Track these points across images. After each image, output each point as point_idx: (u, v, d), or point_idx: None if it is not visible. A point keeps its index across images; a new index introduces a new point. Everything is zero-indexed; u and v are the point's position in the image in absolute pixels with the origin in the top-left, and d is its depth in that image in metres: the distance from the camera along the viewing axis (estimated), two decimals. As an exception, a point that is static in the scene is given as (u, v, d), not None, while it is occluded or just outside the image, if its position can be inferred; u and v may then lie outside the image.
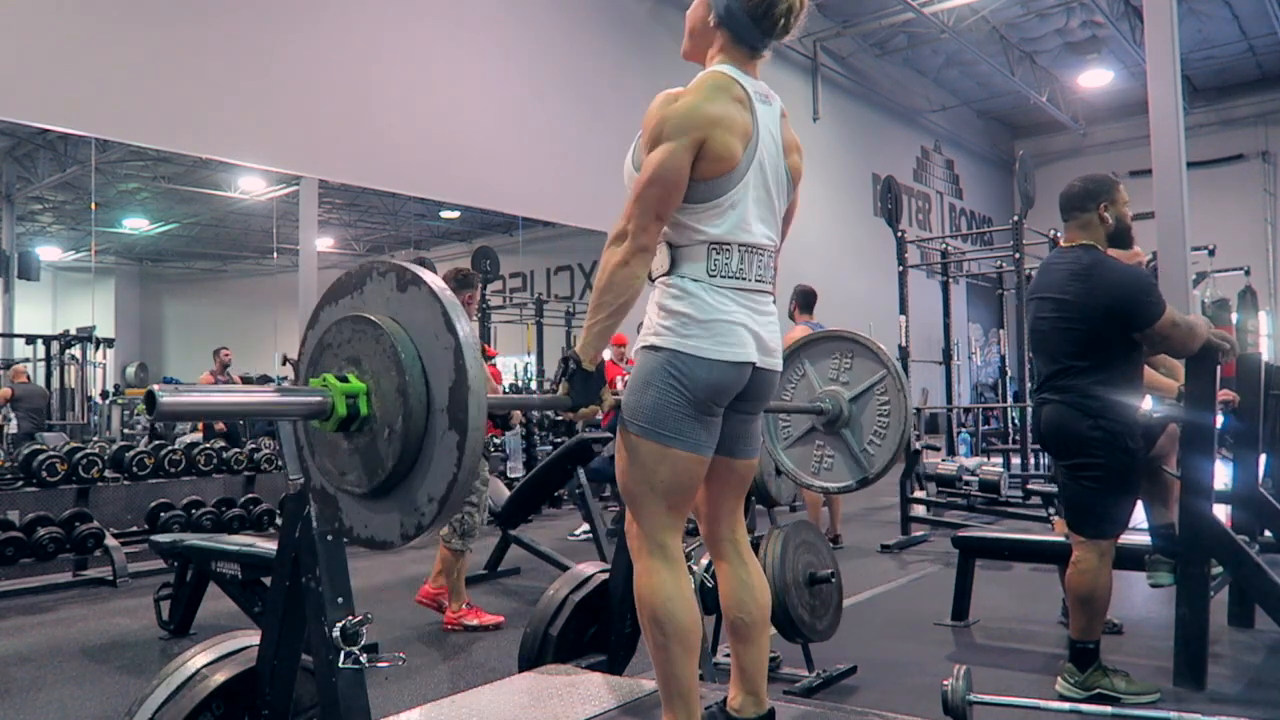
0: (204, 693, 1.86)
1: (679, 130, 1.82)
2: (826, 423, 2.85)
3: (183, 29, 7.16)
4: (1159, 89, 6.63)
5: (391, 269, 1.50)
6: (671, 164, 1.81)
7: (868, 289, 11.92)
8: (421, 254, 12.99)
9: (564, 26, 10.04)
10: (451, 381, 1.38)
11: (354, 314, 1.50)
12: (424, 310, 1.43)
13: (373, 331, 1.44)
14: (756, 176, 1.91)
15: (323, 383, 1.44)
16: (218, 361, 8.95)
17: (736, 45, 1.95)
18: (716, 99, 1.86)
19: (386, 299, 1.48)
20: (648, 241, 1.82)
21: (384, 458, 1.42)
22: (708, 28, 1.96)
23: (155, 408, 1.23)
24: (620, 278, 1.80)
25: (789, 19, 1.92)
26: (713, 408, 1.90)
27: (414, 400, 1.39)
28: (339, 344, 1.49)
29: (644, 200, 1.81)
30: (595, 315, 1.82)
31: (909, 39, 14.66)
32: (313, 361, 1.54)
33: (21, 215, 10.05)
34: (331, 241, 13.90)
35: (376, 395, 1.43)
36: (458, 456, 1.36)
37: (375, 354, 1.44)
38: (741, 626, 2.07)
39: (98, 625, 4.64)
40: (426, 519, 1.41)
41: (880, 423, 2.80)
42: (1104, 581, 3.06)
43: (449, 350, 1.38)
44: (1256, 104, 17.05)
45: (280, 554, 1.88)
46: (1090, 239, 3.13)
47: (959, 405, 12.51)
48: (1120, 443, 3.00)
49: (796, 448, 2.96)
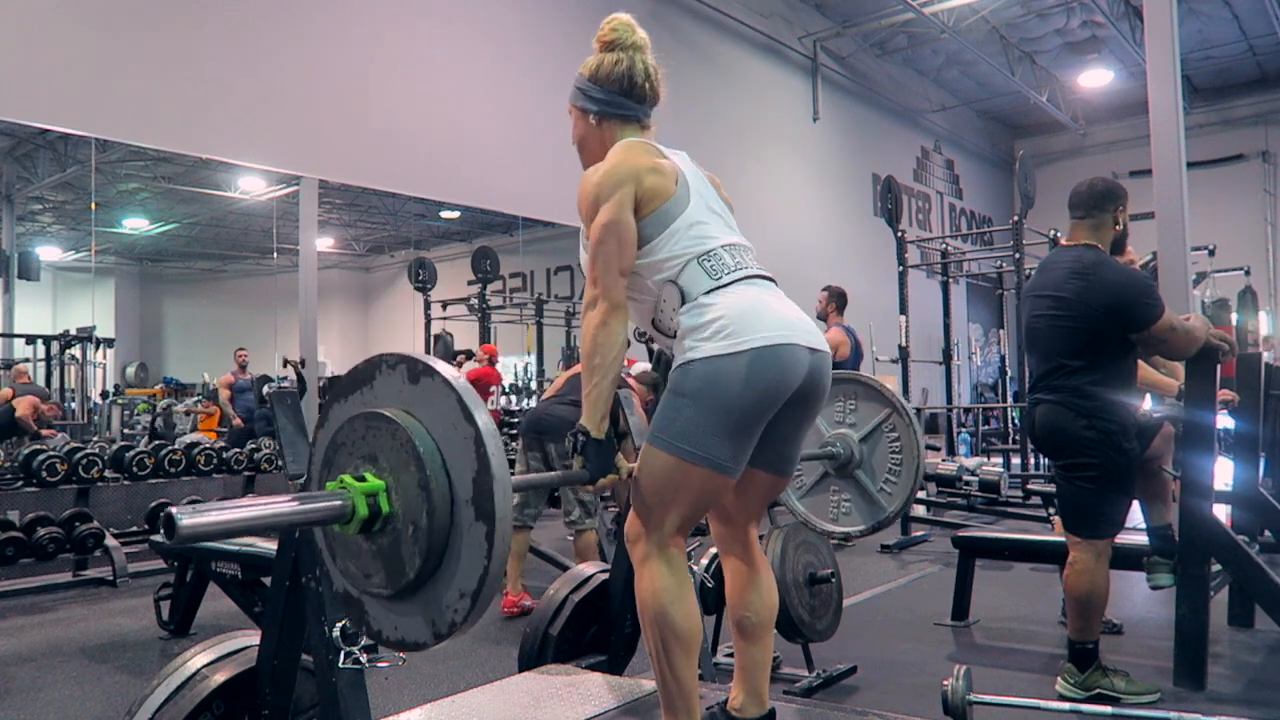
0: (204, 693, 1.86)
1: (613, 189, 1.88)
2: (839, 466, 2.82)
3: (182, 29, 7.15)
4: (1159, 89, 6.62)
5: (401, 360, 1.46)
6: (616, 218, 1.86)
7: (868, 289, 11.89)
8: (421, 254, 12.99)
9: (564, 27, 10.04)
10: (474, 471, 1.34)
11: (366, 410, 1.45)
12: (439, 401, 1.39)
13: (387, 427, 1.40)
14: (698, 201, 1.97)
15: (340, 484, 1.40)
16: (236, 362, 9.21)
17: (626, 125, 2.05)
18: (635, 153, 1.95)
19: (399, 391, 1.44)
20: (618, 297, 1.85)
21: (410, 556, 1.37)
22: (594, 130, 2.06)
23: (175, 532, 1.18)
24: (603, 339, 1.82)
25: (652, 80, 2.04)
26: (759, 414, 1.84)
27: (437, 494, 1.35)
28: (353, 442, 1.45)
29: (603, 259, 1.85)
30: (590, 381, 1.84)
31: (909, 39, 14.65)
32: (326, 462, 1.49)
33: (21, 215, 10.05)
34: (331, 241, 13.90)
35: (397, 492, 1.39)
36: (488, 548, 1.31)
37: (392, 449, 1.39)
38: (747, 626, 2.07)
39: (98, 625, 4.65)
40: (459, 615, 1.34)
41: (894, 460, 2.77)
42: (1101, 581, 3.06)
43: (469, 440, 1.34)
44: (1256, 104, 17.04)
45: (280, 554, 1.88)
46: (1097, 240, 3.14)
47: (959, 405, 12.51)
48: (1115, 443, 3.00)
49: (812, 496, 2.92)
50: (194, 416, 10.51)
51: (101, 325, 9.93)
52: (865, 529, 2.83)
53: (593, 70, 2.04)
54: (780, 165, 13.31)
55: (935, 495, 7.42)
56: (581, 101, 2.06)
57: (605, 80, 2.02)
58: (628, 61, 2.02)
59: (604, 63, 2.03)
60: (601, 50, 2.06)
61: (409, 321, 12.66)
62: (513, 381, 12.69)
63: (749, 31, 12.39)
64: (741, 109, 12.37)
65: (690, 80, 11.51)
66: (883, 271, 11.31)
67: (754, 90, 12.61)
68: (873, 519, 2.81)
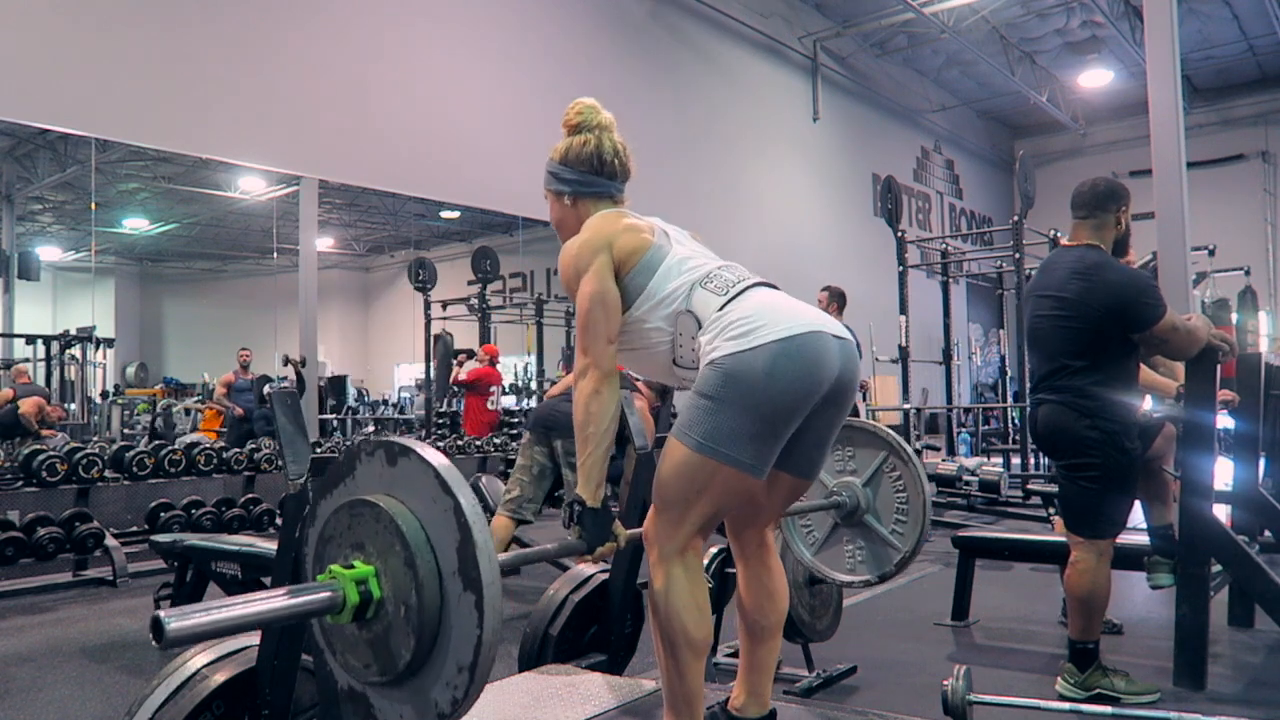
0: (204, 693, 1.86)
1: (589, 258, 1.92)
2: (847, 515, 2.79)
3: (182, 29, 7.16)
4: (1159, 89, 6.63)
5: (379, 446, 1.47)
6: (598, 286, 1.89)
7: (868, 289, 11.90)
8: (421, 254, 12.99)
9: (564, 26, 10.04)
10: (458, 542, 1.35)
11: (349, 499, 1.47)
12: (418, 479, 1.40)
13: (370, 512, 1.42)
14: (680, 244, 2.01)
15: (329, 575, 1.41)
16: (238, 362, 9.31)
17: (599, 203, 2.07)
18: (608, 219, 2.00)
19: (379, 476, 1.45)
20: (607, 365, 1.88)
21: (405, 638, 1.37)
22: (569, 209, 2.09)
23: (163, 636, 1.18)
24: (595, 408, 1.84)
25: (621, 157, 2.09)
26: (786, 412, 1.81)
27: (424, 570, 1.36)
28: (340, 533, 1.47)
29: (591, 329, 1.88)
30: (584, 451, 1.86)
31: (909, 39, 14.66)
32: (317, 557, 1.51)
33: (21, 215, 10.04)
34: (331, 241, 13.89)
35: (386, 575, 1.40)
36: (478, 617, 1.32)
37: (377, 534, 1.40)
38: (758, 629, 2.07)
39: (98, 625, 4.64)
40: (460, 690, 1.34)
41: (899, 500, 2.73)
42: (1102, 581, 3.06)
43: (449, 511, 1.35)
44: (1256, 104, 17.04)
45: (280, 554, 1.89)
46: (1099, 240, 3.14)
47: (959, 405, 12.51)
48: (1117, 443, 3.00)
49: (826, 550, 2.89)
50: (194, 415, 10.51)
51: (101, 325, 9.92)
52: (883, 574, 2.78)
53: (562, 153, 2.09)
54: (780, 165, 13.31)
55: (935, 495, 7.42)
56: (555, 185, 2.10)
57: (575, 161, 2.07)
58: (595, 141, 2.07)
59: (572, 145, 2.08)
60: (569, 133, 2.11)
61: (409, 321, 12.65)
62: (513, 381, 12.69)
63: (749, 31, 12.39)
64: (741, 109, 12.37)
65: (690, 80, 11.51)
66: (883, 271, 11.31)
67: (754, 90, 12.61)
68: (889, 562, 2.76)
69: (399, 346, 14.25)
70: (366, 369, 14.86)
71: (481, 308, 11.72)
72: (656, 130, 10.83)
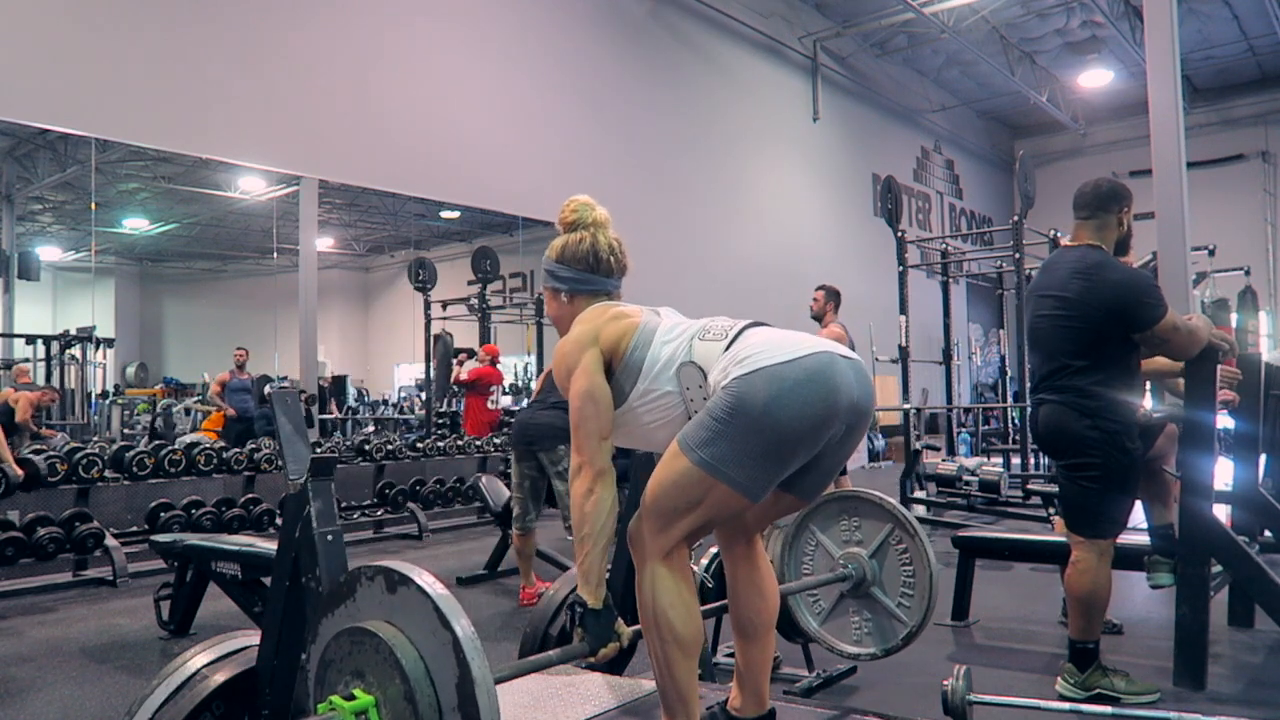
0: (204, 693, 1.86)
1: (578, 355, 1.93)
2: (853, 587, 2.78)
3: (182, 29, 7.16)
4: (1159, 89, 6.63)
5: (379, 572, 1.47)
6: (589, 383, 1.90)
7: (868, 289, 11.91)
8: (421, 254, 12.98)
9: (564, 26, 10.04)
10: (457, 678, 1.35)
11: (350, 625, 1.47)
12: (417, 609, 1.41)
13: (370, 641, 1.43)
14: (670, 317, 2.04)
15: (330, 707, 1.42)
16: (234, 361, 9.31)
17: (595, 298, 2.10)
18: (595, 314, 2.03)
19: (379, 602, 1.46)
20: (602, 463, 1.88)
21: None
22: (566, 305, 2.12)
23: None
24: (590, 509, 1.84)
25: (616, 254, 2.12)
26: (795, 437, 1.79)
27: (423, 705, 1.36)
28: (340, 659, 1.48)
29: (584, 427, 1.89)
30: (582, 552, 1.86)
31: (909, 39, 14.65)
32: (319, 680, 1.52)
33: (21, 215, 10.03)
34: (331, 241, 13.87)
35: (385, 707, 1.40)
36: None
37: (377, 664, 1.41)
38: (749, 627, 2.07)
39: (98, 625, 4.64)
40: None
41: (906, 574, 2.74)
42: (1103, 581, 3.06)
43: (447, 645, 1.36)
44: (1256, 104, 17.04)
45: (280, 554, 1.89)
46: (1101, 241, 3.14)
47: (959, 405, 12.51)
48: (1118, 442, 3.00)
49: (832, 620, 2.89)
50: (194, 415, 10.51)
51: (101, 325, 9.92)
52: (889, 648, 2.78)
53: (559, 251, 2.12)
54: (780, 165, 13.31)
55: (935, 495, 7.42)
56: (552, 282, 2.13)
57: (571, 259, 2.10)
58: (590, 239, 2.10)
59: (569, 242, 2.11)
60: (565, 230, 2.14)
61: (409, 321, 12.64)
62: (513, 381, 12.69)
63: (749, 31, 12.39)
64: (741, 109, 12.36)
65: (690, 80, 11.51)
66: (883, 271, 11.32)
67: (754, 90, 12.60)
68: (895, 636, 2.75)
69: (399, 346, 14.24)
70: (366, 369, 14.85)
71: (481, 308, 11.71)
72: (656, 130, 10.83)
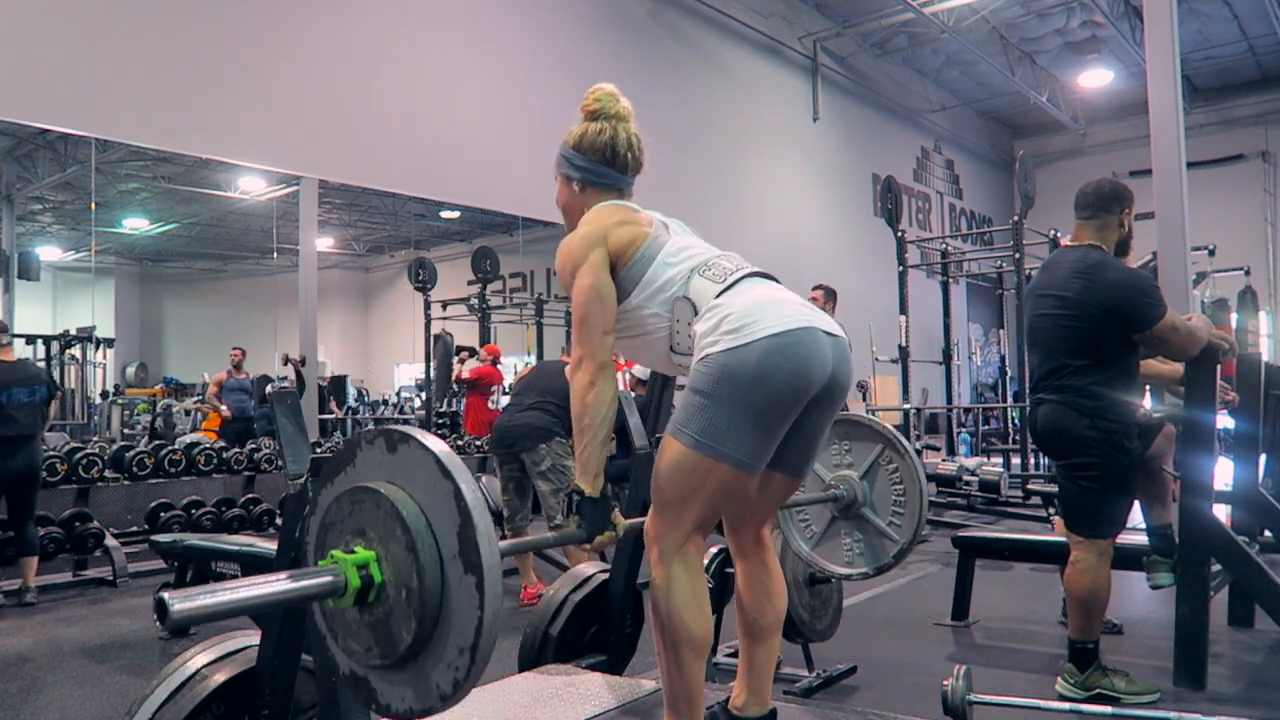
0: (204, 693, 1.86)
1: (584, 252, 1.93)
2: (844, 508, 2.80)
3: (182, 29, 7.15)
4: (1159, 89, 6.63)
5: (379, 434, 1.48)
6: (593, 279, 1.90)
7: (868, 289, 11.91)
8: (422, 254, 12.99)
9: (564, 26, 10.04)
10: (458, 526, 1.36)
11: (350, 486, 1.48)
12: (418, 465, 1.41)
13: (371, 498, 1.43)
14: (680, 234, 2.03)
15: (331, 560, 1.42)
16: (231, 361, 9.29)
17: (606, 194, 2.08)
18: (604, 214, 2.01)
19: (379, 464, 1.47)
20: (603, 356, 1.89)
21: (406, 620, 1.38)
22: (577, 197, 2.10)
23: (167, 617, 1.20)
24: (591, 400, 1.85)
25: (634, 150, 2.09)
26: (779, 407, 1.81)
27: (425, 554, 1.37)
28: (341, 520, 1.48)
29: (586, 322, 1.89)
30: (581, 443, 1.87)
31: (909, 39, 14.65)
32: (318, 545, 1.52)
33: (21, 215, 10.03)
34: (331, 241, 13.88)
35: (387, 559, 1.41)
36: (479, 599, 1.34)
37: (378, 519, 1.42)
38: (757, 628, 2.08)
39: (98, 625, 4.65)
40: (462, 672, 1.36)
41: (896, 493, 2.75)
42: (1103, 581, 3.06)
43: (449, 495, 1.37)
44: (1256, 104, 17.04)
45: (280, 554, 1.89)
46: (1102, 241, 3.14)
47: (959, 405, 12.51)
48: (1118, 442, 3.00)
49: (824, 544, 2.91)
50: (194, 416, 10.51)
51: (101, 325, 9.92)
52: (881, 566, 2.81)
53: (577, 139, 2.10)
54: (780, 165, 13.31)
55: (935, 495, 7.42)
56: (565, 169, 2.11)
57: (588, 149, 2.07)
58: (610, 131, 2.07)
59: (588, 132, 2.09)
60: (585, 119, 2.11)
61: (409, 321, 12.65)
62: (512, 381, 12.69)
63: (749, 31, 12.38)
64: (741, 109, 12.36)
65: (690, 80, 11.51)
66: (883, 271, 11.31)
67: (754, 90, 12.60)
68: (886, 555, 2.78)
69: (399, 346, 14.25)
70: (366, 369, 14.86)
71: (481, 308, 11.72)
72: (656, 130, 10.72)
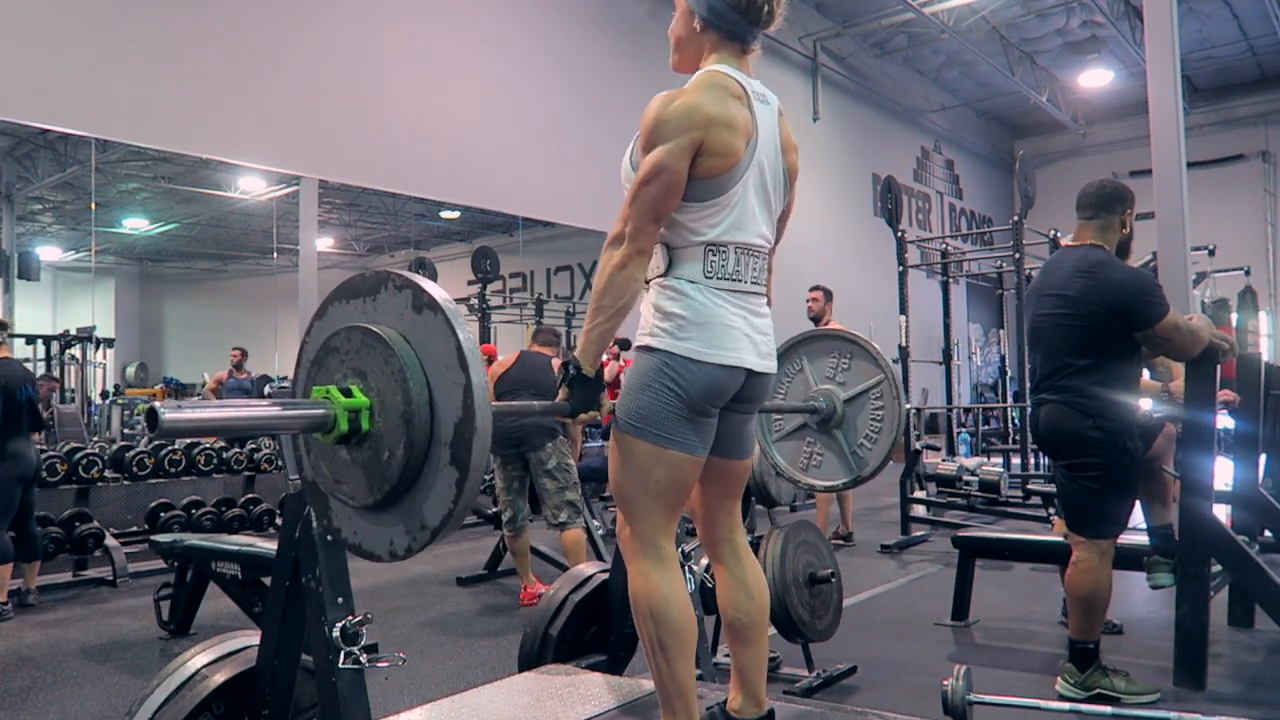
0: (204, 693, 1.86)
1: (677, 130, 1.78)
2: (820, 421, 2.85)
3: (183, 29, 7.16)
4: (1159, 89, 6.62)
5: (408, 285, 1.44)
6: (669, 164, 1.78)
7: (868, 289, 11.91)
8: (421, 254, 12.99)
9: (563, 26, 10.04)
10: (458, 419, 1.35)
11: (364, 325, 1.45)
12: (437, 339, 1.39)
13: (382, 349, 1.40)
14: (755, 175, 1.89)
15: (325, 394, 1.41)
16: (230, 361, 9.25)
17: (727, 43, 1.93)
18: (714, 97, 1.83)
19: (400, 314, 1.44)
20: (646, 244, 1.80)
21: (381, 478, 1.39)
22: (694, 34, 1.94)
23: (157, 424, 1.22)
24: (619, 280, 1.78)
25: (773, 4, 1.90)
26: (708, 409, 1.89)
27: (418, 430, 1.36)
28: (346, 351, 1.45)
29: (642, 202, 1.79)
30: (594, 319, 1.81)
31: (909, 39, 14.65)
32: (317, 361, 1.50)
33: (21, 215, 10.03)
34: (331, 241, 13.88)
35: (380, 414, 1.40)
36: (455, 494, 1.34)
37: (382, 372, 1.40)
38: (739, 627, 2.05)
39: (98, 625, 4.65)
40: (417, 544, 1.40)
41: (873, 426, 2.79)
42: (1104, 581, 3.06)
43: (459, 387, 1.35)
44: (1256, 104, 17.04)
45: (280, 554, 1.88)
46: (1103, 241, 3.15)
47: (959, 405, 12.51)
48: (1119, 443, 3.00)
49: (787, 442, 2.96)
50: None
51: (101, 325, 9.92)
52: (833, 485, 2.88)
53: None
54: (780, 165, 13.29)
55: (935, 495, 7.42)
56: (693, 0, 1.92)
57: None
58: None
59: None
60: None
61: (409, 321, 12.65)
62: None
63: (749, 31, 12.37)
64: (741, 109, 12.34)
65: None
66: (883, 271, 11.31)
67: (754, 90, 12.58)
68: (843, 476, 2.84)
69: (399, 346, 14.24)
70: (366, 369, 14.84)
71: (481, 308, 11.71)
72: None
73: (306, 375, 1.53)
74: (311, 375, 1.51)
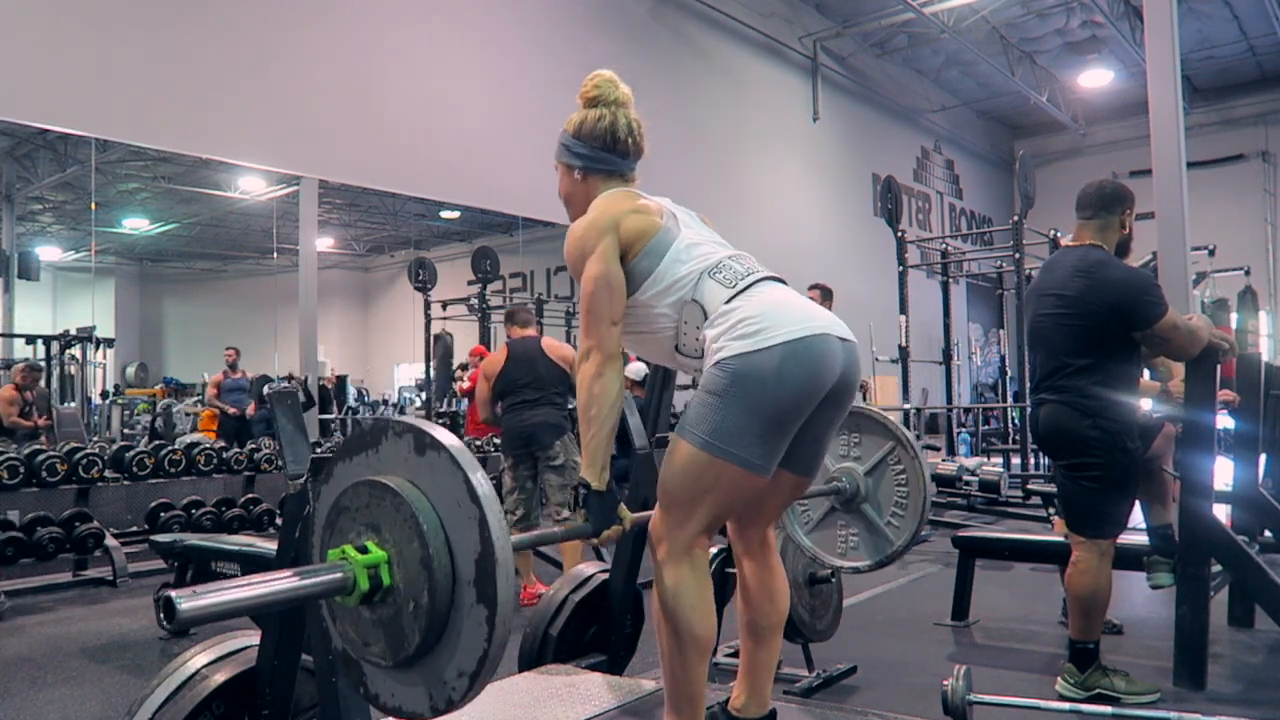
0: (204, 693, 1.86)
1: (595, 239, 1.91)
2: (845, 501, 2.79)
3: (182, 29, 7.16)
4: (1159, 89, 6.63)
5: (408, 429, 1.42)
6: (603, 268, 1.89)
7: (868, 289, 11.91)
8: (421, 254, 12.99)
9: (563, 26, 10.04)
10: (478, 554, 1.31)
11: (371, 478, 1.44)
12: (445, 477, 1.36)
13: (392, 499, 1.38)
14: (690, 227, 2.01)
15: (342, 554, 1.39)
16: (225, 362, 9.30)
17: (609, 180, 2.07)
18: (613, 201, 1.98)
19: (404, 460, 1.42)
20: (612, 348, 1.87)
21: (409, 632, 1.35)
22: (579, 185, 2.09)
23: (175, 616, 1.17)
24: (598, 390, 1.84)
25: (635, 135, 2.08)
26: (793, 412, 1.81)
27: (439, 573, 1.33)
28: (357, 508, 1.44)
29: (594, 312, 1.88)
30: (588, 433, 1.85)
31: (909, 39, 14.65)
32: (329, 523, 1.48)
33: (21, 215, 10.02)
34: (331, 241, 13.87)
35: (399, 566, 1.37)
36: (488, 632, 1.30)
37: (395, 522, 1.37)
38: (758, 629, 2.07)
39: (98, 625, 4.65)
40: (457, 694, 1.34)
41: (900, 493, 2.74)
42: (1104, 581, 3.06)
43: (474, 520, 1.32)
44: (1256, 104, 17.04)
45: (280, 554, 1.89)
46: (1103, 241, 3.15)
47: (959, 405, 12.51)
48: (1119, 443, 3.00)
49: (819, 531, 2.90)
50: (194, 417, 10.51)
51: (101, 325, 9.91)
52: (873, 563, 2.81)
53: (576, 126, 2.08)
54: (780, 165, 13.31)
55: (935, 495, 7.42)
56: (566, 157, 2.09)
57: (589, 136, 2.06)
58: (610, 117, 2.06)
59: (587, 119, 2.07)
60: (585, 106, 2.10)
61: (409, 321, 12.65)
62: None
63: (749, 31, 12.38)
64: (741, 109, 12.36)
65: (690, 80, 11.51)
66: (883, 271, 11.32)
67: (754, 90, 12.60)
68: (880, 553, 2.78)
69: (399, 346, 14.23)
70: (366, 369, 14.84)
71: (481, 308, 11.71)
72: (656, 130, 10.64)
73: (320, 542, 1.50)
74: (325, 540, 1.48)
